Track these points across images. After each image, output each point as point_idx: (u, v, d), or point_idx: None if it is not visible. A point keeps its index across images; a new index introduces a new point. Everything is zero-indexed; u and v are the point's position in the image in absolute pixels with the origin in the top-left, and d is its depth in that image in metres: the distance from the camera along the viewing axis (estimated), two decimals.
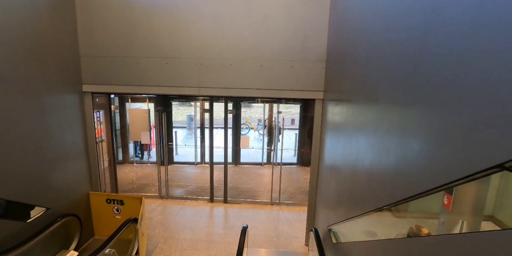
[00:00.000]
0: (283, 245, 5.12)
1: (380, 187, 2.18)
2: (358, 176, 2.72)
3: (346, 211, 3.05)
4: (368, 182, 2.44)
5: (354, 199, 2.83)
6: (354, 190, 2.81)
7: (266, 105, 9.40)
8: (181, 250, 4.90)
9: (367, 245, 2.56)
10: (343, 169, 3.28)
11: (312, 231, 4.00)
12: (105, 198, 5.05)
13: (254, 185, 7.76)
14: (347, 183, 3.07)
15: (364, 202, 2.53)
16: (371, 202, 2.34)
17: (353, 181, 2.86)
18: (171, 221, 5.83)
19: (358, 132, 2.78)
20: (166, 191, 6.94)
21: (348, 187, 3.01)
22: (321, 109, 4.70)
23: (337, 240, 3.52)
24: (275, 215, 6.23)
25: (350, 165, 2.97)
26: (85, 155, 4.97)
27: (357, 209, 2.70)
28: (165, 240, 5.18)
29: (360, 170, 2.66)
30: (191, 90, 4.69)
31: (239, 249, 3.55)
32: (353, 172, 2.86)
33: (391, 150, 1.98)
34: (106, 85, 4.80)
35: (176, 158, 9.92)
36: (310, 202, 5.03)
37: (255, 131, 14.61)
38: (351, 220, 2.98)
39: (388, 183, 2.01)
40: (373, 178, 2.33)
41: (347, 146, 3.16)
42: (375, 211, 2.30)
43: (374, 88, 2.39)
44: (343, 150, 3.33)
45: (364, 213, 2.58)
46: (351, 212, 2.89)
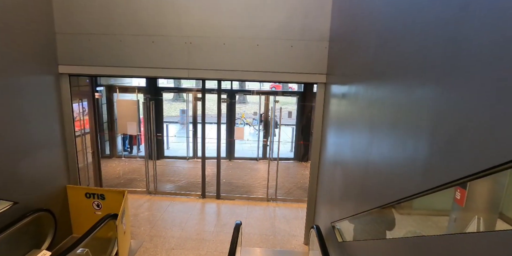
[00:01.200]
0: (280, 244, 4.69)
1: (396, 180, 1.82)
2: (371, 168, 2.30)
3: (355, 205, 2.63)
4: (382, 174, 2.03)
5: (366, 191, 2.40)
6: (367, 182, 2.39)
7: (262, 97, 8.96)
8: (168, 249, 4.44)
9: (378, 245, 2.15)
10: (352, 161, 2.86)
11: (313, 229, 3.58)
12: (84, 192, 4.57)
13: (249, 181, 7.32)
14: (357, 175, 2.64)
15: (379, 195, 2.12)
16: (386, 196, 1.92)
17: (365, 172, 2.44)
18: (159, 218, 5.37)
19: (371, 119, 2.35)
20: (155, 186, 6.47)
21: (359, 179, 2.58)
22: (323, 95, 4.28)
23: (342, 239, 3.10)
24: (271, 212, 5.80)
25: (361, 156, 2.55)
26: (62, 144, 4.48)
27: (369, 203, 2.28)
28: (150, 238, 4.72)
29: (374, 162, 2.24)
30: (180, 72, 4.22)
31: (232, 248, 3.11)
32: (365, 164, 2.44)
33: (408, 141, 1.68)
34: (85, 66, 4.31)
35: (167, 152, 9.45)
36: (310, 198, 4.61)
37: (251, 126, 14.17)
38: (360, 216, 2.56)
39: (405, 176, 1.69)
40: (389, 170, 1.93)
41: (356, 136, 2.74)
42: (390, 205, 1.91)
43: (393, 71, 1.97)
44: (351, 140, 2.91)
45: (377, 207, 2.16)
46: (361, 206, 2.47)
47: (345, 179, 3.02)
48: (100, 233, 4.33)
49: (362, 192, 2.48)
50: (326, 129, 4.07)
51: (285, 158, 9.22)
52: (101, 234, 4.47)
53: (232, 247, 3.13)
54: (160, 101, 8.76)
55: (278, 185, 6.42)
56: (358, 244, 2.71)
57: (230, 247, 3.14)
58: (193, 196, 6.36)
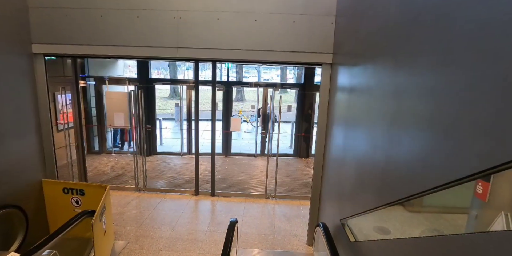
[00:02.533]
0: (280, 245, 4.23)
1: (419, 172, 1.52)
2: (393, 162, 1.86)
3: (373, 197, 2.17)
4: (405, 167, 1.61)
5: (388, 183, 1.95)
6: (388, 174, 1.94)
7: (260, 90, 8.49)
8: (155, 251, 3.97)
9: (398, 244, 1.72)
10: (370, 155, 2.40)
11: (319, 227, 3.12)
12: (61, 187, 4.08)
13: (246, 177, 6.85)
14: (377, 167, 2.19)
15: (403, 186, 1.68)
16: (411, 187, 1.50)
17: (386, 165, 1.99)
18: (147, 217, 4.89)
19: (394, 112, 1.90)
20: (144, 183, 5.99)
21: (378, 173, 2.13)
22: (329, 78, 3.82)
23: (355, 238, 2.64)
24: (271, 210, 5.34)
25: (380, 152, 2.10)
26: (36, 134, 4.00)
27: (393, 194, 1.83)
28: (136, 239, 4.24)
29: (396, 156, 1.80)
30: (168, 52, 3.76)
31: (225, 250, 2.64)
32: (386, 158, 1.99)
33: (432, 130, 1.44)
34: (62, 45, 3.84)
35: (161, 148, 8.98)
36: (313, 194, 4.15)
37: (248, 123, 13.70)
38: (379, 212, 2.11)
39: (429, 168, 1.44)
40: (412, 163, 1.56)
41: (374, 131, 2.29)
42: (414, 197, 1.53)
43: (419, 50, 1.52)
44: (368, 134, 2.46)
45: (402, 199, 1.72)
46: (381, 198, 2.01)
47: (358, 168, 2.57)
48: (76, 232, 3.85)
49: (383, 184, 2.03)
50: (333, 120, 3.62)
51: (285, 154, 8.77)
52: (78, 233, 3.99)
53: (225, 248, 2.66)
54: (152, 92, 8.27)
55: (277, 182, 5.96)
56: (374, 244, 2.25)
57: (224, 248, 2.67)
58: (186, 193, 5.88)
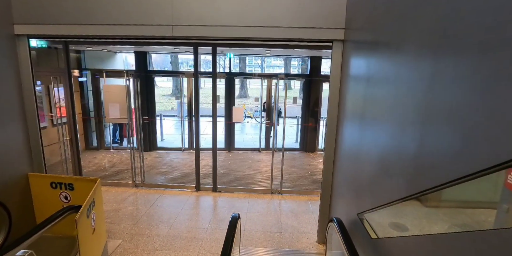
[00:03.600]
0: (288, 243, 3.86)
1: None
2: (427, 141, 1.48)
3: (403, 186, 1.79)
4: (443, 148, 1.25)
5: (423, 165, 1.57)
6: (423, 155, 1.57)
7: (264, 81, 8.11)
8: (151, 250, 3.62)
9: (432, 241, 1.37)
10: (393, 136, 2.03)
11: (333, 222, 2.74)
12: (49, 181, 3.75)
13: (250, 172, 6.49)
14: (404, 151, 1.82)
15: (440, 170, 1.32)
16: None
17: (420, 146, 1.61)
18: (144, 213, 4.55)
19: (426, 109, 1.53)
20: (142, 178, 5.65)
21: (408, 155, 1.75)
22: (340, 59, 3.42)
23: (377, 235, 2.26)
24: (277, 206, 4.97)
25: (409, 132, 1.72)
26: (21, 123, 3.67)
27: (428, 181, 1.46)
28: (131, 237, 3.90)
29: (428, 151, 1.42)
30: (161, 30, 3.40)
31: (225, 248, 2.28)
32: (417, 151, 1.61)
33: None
34: (48, 25, 3.49)
35: (161, 144, 8.65)
36: (324, 187, 3.77)
37: (252, 118, 13.34)
38: (408, 200, 1.73)
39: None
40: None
41: (397, 117, 1.92)
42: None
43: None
44: (390, 130, 2.08)
45: (441, 186, 1.35)
46: (413, 186, 1.64)
47: (385, 159, 2.18)
48: (63, 230, 3.53)
49: (416, 171, 1.65)
50: (345, 110, 3.24)
51: (290, 149, 8.39)
52: (65, 231, 3.66)
53: (226, 246, 2.30)
54: (151, 85, 7.92)
55: (283, 176, 5.58)
56: (401, 241, 1.88)
57: (224, 246, 2.31)
58: (186, 188, 5.54)
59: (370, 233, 2.31)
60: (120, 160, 7.08)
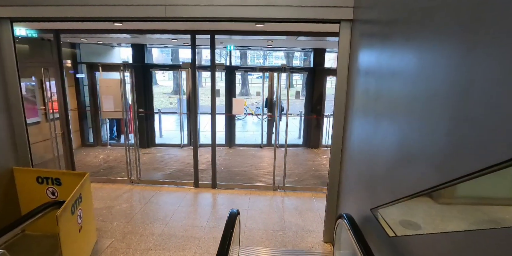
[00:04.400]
0: (292, 242, 3.58)
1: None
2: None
3: (431, 174, 1.51)
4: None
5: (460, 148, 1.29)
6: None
7: (266, 75, 7.82)
8: (144, 250, 3.35)
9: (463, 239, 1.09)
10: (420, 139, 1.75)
11: (342, 219, 2.46)
12: (35, 175, 3.49)
13: (251, 168, 6.21)
14: (433, 131, 1.54)
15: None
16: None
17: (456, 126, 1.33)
18: (138, 211, 4.28)
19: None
20: (138, 174, 5.38)
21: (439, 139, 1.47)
22: (348, 42, 3.13)
23: (394, 232, 1.98)
24: (279, 203, 4.68)
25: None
26: (3, 113, 3.41)
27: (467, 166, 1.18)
28: (123, 236, 3.63)
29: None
30: (154, 11, 3.12)
31: (222, 248, 2.00)
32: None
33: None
34: (33, 7, 3.23)
35: (160, 141, 8.39)
36: (331, 182, 3.48)
37: (254, 115, 13.06)
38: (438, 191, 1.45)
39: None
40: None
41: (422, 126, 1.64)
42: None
43: None
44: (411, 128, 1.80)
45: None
46: (447, 173, 1.36)
47: (406, 144, 1.90)
48: (48, 228, 3.25)
49: (451, 155, 1.37)
50: (354, 99, 2.95)
51: (293, 145, 8.10)
52: (52, 229, 3.39)
53: (223, 245, 2.02)
54: (149, 78, 7.64)
55: (286, 172, 5.29)
56: (425, 240, 1.60)
57: (221, 245, 2.03)
58: (184, 185, 5.27)
59: (387, 230, 2.02)
60: (117, 157, 6.82)
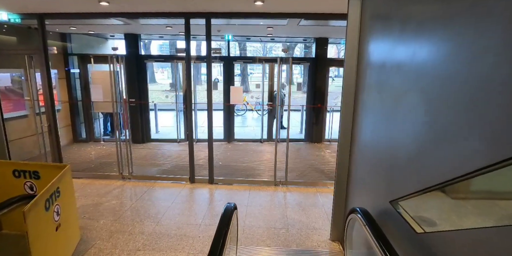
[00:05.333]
0: (296, 241, 3.24)
1: None
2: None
3: (483, 151, 1.17)
4: None
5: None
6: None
7: (266, 66, 7.47)
8: (131, 250, 3.01)
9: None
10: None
11: (355, 214, 2.11)
12: (11, 168, 3.15)
13: (251, 163, 5.87)
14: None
15: None
16: None
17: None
18: (128, 208, 3.94)
19: None
20: (129, 170, 5.04)
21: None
22: (358, 19, 2.78)
23: (423, 228, 1.64)
24: (281, 199, 4.34)
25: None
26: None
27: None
28: (110, 235, 3.29)
29: None
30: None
31: (215, 248, 1.66)
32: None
33: None
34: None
35: (156, 136, 8.04)
36: (339, 173, 3.13)
37: (254, 111, 12.71)
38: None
39: None
40: None
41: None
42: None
43: None
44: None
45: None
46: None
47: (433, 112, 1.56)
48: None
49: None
50: (366, 79, 2.61)
51: (295, 140, 7.76)
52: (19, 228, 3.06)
53: (215, 245, 1.68)
54: (143, 70, 7.29)
55: (288, 167, 4.95)
56: (466, 237, 1.26)
57: (213, 246, 1.69)
58: (179, 180, 4.93)
59: (413, 225, 1.68)
60: (110, 152, 6.48)
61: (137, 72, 7.11)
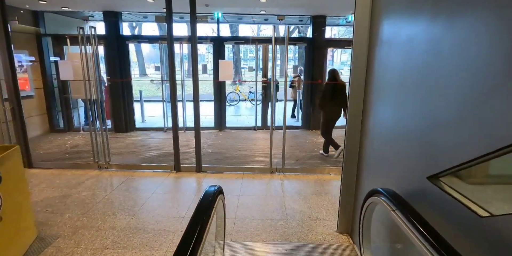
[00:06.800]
0: (297, 234, 2.72)
1: None
2: None
3: None
4: None
5: None
6: None
7: (260, 47, 6.89)
8: (97, 249, 2.47)
9: None
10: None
11: (378, 197, 1.60)
12: None
13: (244, 151, 5.34)
14: None
15: None
16: None
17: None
18: (101, 200, 3.38)
19: None
20: (106, 158, 4.46)
21: None
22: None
23: (488, 211, 1.12)
24: (278, 187, 3.82)
25: None
26: None
27: None
28: (74, 231, 2.74)
29: None
30: None
31: (184, 246, 1.12)
32: None
33: None
34: None
35: (142, 125, 7.47)
36: (348, 152, 2.60)
37: (247, 100, 12.15)
38: None
39: None
40: None
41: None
42: None
43: None
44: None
45: None
46: None
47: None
48: None
49: None
50: (380, 53, 2.06)
51: (292, 127, 7.24)
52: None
53: (185, 242, 1.14)
54: (125, 52, 6.66)
55: (285, 155, 4.41)
56: None
57: (181, 243, 1.15)
58: (163, 169, 4.38)
59: (475, 208, 1.16)
60: (88, 142, 5.87)
61: (118, 54, 6.49)
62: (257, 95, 7.30)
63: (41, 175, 4.14)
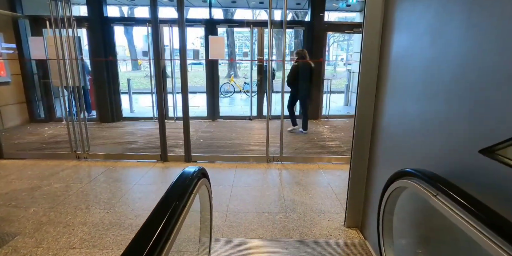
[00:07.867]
0: (298, 229, 2.35)
1: None
2: None
3: None
4: None
5: None
6: None
7: (255, 30, 6.45)
8: (61, 249, 2.07)
9: None
10: None
11: (410, 180, 1.22)
12: None
13: (238, 140, 4.94)
14: None
15: None
16: None
17: None
18: (74, 192, 2.97)
19: None
20: (83, 147, 4.03)
21: None
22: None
23: None
24: (275, 177, 3.44)
25: None
26: None
27: None
28: (37, 227, 2.33)
29: None
30: None
31: (137, 245, 0.72)
32: None
33: None
34: None
35: (130, 115, 7.04)
36: (357, 139, 2.21)
37: (242, 91, 11.72)
38: None
39: None
40: None
41: None
42: None
43: None
44: None
45: None
46: None
47: None
48: None
49: None
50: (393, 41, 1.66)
51: (289, 116, 6.84)
52: None
53: (139, 242, 0.75)
54: (109, 36, 6.18)
55: (283, 144, 4.01)
56: None
57: (132, 243, 0.76)
58: (148, 158, 3.97)
59: None
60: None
61: (103, 38, 6.01)
62: (252, 86, 6.88)
63: (11, 166, 3.71)
